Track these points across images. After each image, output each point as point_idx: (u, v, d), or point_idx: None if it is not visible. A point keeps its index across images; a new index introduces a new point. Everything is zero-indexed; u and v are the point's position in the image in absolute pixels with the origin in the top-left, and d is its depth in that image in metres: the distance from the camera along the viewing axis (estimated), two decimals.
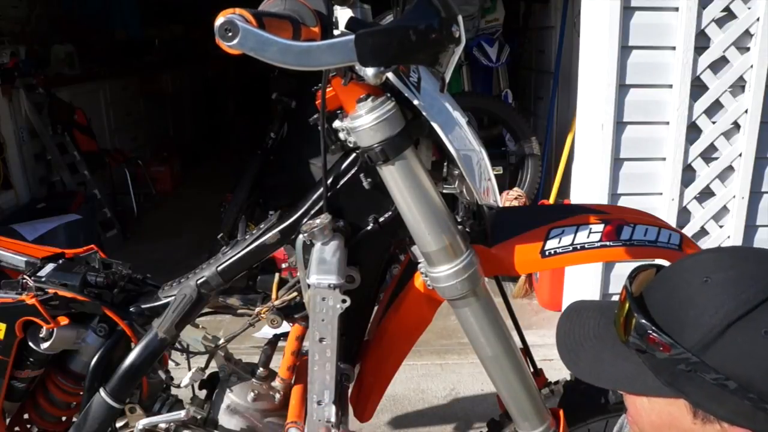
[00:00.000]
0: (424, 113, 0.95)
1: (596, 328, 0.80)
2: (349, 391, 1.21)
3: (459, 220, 1.07)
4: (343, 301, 0.98)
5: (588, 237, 1.10)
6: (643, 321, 0.69)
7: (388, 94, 0.94)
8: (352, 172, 1.06)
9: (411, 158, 0.95)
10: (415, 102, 0.95)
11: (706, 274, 0.69)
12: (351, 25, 0.92)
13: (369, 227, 1.08)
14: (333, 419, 1.03)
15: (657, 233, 1.13)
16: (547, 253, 1.09)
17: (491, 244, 1.11)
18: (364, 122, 0.93)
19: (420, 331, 1.20)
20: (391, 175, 0.96)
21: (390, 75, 0.93)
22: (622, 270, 2.65)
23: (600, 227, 1.11)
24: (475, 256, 1.03)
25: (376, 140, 0.93)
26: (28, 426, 1.35)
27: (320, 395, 1.03)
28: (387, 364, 1.22)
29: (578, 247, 1.09)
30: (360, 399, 1.23)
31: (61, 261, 1.25)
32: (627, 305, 0.72)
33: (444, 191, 1.06)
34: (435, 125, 0.95)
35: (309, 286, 0.98)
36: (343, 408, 1.09)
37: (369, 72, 0.81)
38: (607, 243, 1.09)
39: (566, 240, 1.09)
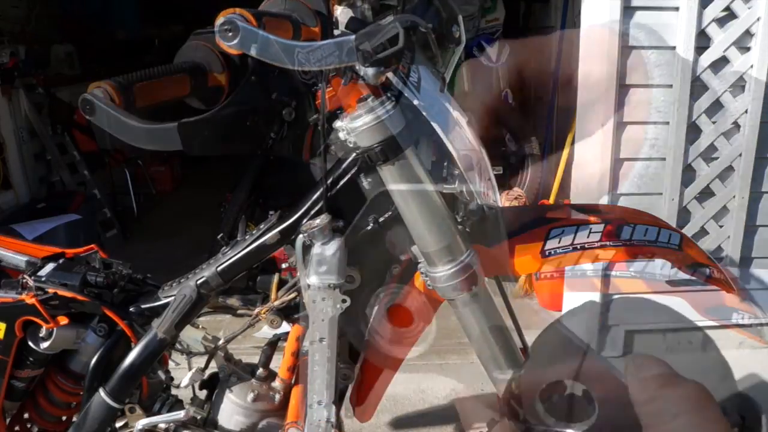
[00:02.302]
0: (424, 113, 0.95)
1: None
2: (349, 391, 1.21)
3: (459, 220, 1.07)
4: (343, 301, 0.98)
5: (588, 237, 1.09)
6: None
7: (388, 94, 0.94)
8: (352, 172, 1.06)
9: (411, 158, 0.95)
10: (415, 102, 0.95)
11: None
12: (351, 25, 0.92)
13: (369, 227, 1.08)
14: (333, 419, 1.03)
15: (657, 233, 1.13)
16: (547, 253, 1.09)
17: (491, 244, 1.11)
18: (364, 122, 0.93)
19: (420, 331, 1.20)
20: (391, 175, 0.96)
21: (390, 75, 0.93)
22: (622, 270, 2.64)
23: (600, 227, 1.10)
24: (475, 256, 1.02)
25: (376, 140, 0.93)
26: (28, 426, 1.35)
27: (320, 395, 1.03)
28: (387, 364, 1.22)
29: (578, 247, 1.09)
30: (360, 399, 1.23)
31: (61, 261, 1.25)
32: None
33: (444, 191, 1.06)
34: (435, 125, 0.95)
35: (309, 286, 0.98)
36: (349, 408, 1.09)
37: (369, 72, 0.82)
38: (607, 243, 1.09)
39: (566, 240, 1.09)
